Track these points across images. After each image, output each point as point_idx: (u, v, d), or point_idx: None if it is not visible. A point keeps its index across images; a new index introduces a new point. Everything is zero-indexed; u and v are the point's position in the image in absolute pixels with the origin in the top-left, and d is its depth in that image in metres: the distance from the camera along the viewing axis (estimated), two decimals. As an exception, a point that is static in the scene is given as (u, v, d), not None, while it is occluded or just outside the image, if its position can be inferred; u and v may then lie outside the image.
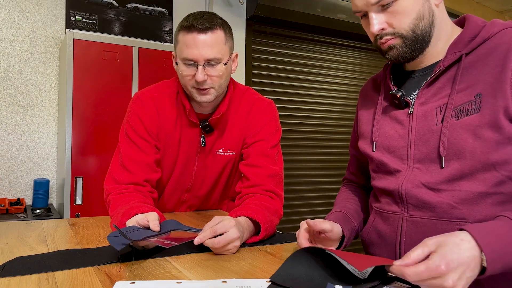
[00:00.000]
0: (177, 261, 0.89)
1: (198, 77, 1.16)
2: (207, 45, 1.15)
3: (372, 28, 0.90)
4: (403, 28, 0.89)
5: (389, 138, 0.98)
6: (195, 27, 1.15)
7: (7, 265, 0.83)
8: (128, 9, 2.76)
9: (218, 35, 1.18)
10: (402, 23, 0.88)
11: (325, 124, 3.77)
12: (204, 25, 1.15)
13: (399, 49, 0.91)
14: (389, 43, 0.91)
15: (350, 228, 1.02)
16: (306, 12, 3.36)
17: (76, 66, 2.30)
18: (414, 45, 0.90)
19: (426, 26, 0.89)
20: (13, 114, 2.54)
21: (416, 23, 0.88)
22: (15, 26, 2.55)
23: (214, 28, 1.17)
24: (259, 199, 1.18)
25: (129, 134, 1.27)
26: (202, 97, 1.21)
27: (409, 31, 0.89)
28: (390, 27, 0.90)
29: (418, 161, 0.91)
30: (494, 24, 0.90)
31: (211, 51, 1.16)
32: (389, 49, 0.92)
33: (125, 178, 1.21)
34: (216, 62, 1.18)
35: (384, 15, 0.89)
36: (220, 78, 1.20)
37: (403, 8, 0.87)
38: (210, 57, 1.16)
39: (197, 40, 1.15)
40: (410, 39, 0.90)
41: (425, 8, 0.89)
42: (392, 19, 0.89)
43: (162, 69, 2.54)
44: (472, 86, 0.86)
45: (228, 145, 1.35)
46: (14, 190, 2.54)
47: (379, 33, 0.91)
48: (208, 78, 1.18)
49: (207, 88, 1.19)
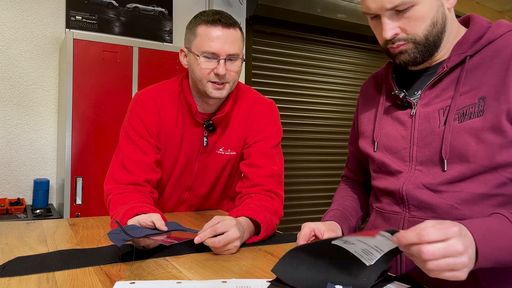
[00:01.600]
0: (177, 261, 0.89)
1: (220, 70, 1.18)
2: (231, 40, 1.19)
3: (386, 34, 0.87)
4: (417, 34, 0.87)
5: (391, 139, 0.97)
6: (221, 21, 1.18)
7: (7, 265, 0.83)
8: (128, 9, 2.76)
9: (238, 32, 1.22)
10: (417, 29, 0.86)
11: (325, 124, 3.77)
12: (229, 21, 1.19)
13: (410, 54, 0.89)
14: (400, 48, 0.89)
15: (348, 226, 1.03)
16: (306, 12, 3.36)
17: (76, 66, 2.30)
18: (426, 51, 0.89)
19: (439, 31, 0.88)
20: (13, 114, 2.54)
21: (430, 29, 0.87)
22: (15, 26, 2.55)
23: (236, 25, 1.21)
24: (259, 199, 1.18)
25: (129, 134, 1.27)
26: (216, 92, 1.22)
27: (422, 37, 0.87)
28: (403, 33, 0.87)
29: (420, 163, 0.91)
30: (500, 25, 0.88)
31: (234, 46, 1.19)
32: (399, 54, 0.90)
33: (125, 178, 1.21)
34: (235, 58, 1.20)
35: (398, 20, 0.87)
36: (236, 74, 1.23)
37: (420, 14, 0.85)
38: (232, 52, 1.19)
39: (222, 34, 1.18)
40: (423, 45, 0.88)
41: (439, 13, 0.87)
42: (406, 25, 0.86)
43: (162, 69, 2.54)
44: (476, 89, 0.85)
45: (228, 145, 1.35)
46: (14, 190, 2.54)
47: (391, 39, 0.89)
48: (227, 73, 1.20)
49: (224, 82, 1.21)
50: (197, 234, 0.95)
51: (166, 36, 2.89)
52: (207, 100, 1.28)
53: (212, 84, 1.21)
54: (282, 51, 3.54)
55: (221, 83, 1.21)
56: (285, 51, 3.56)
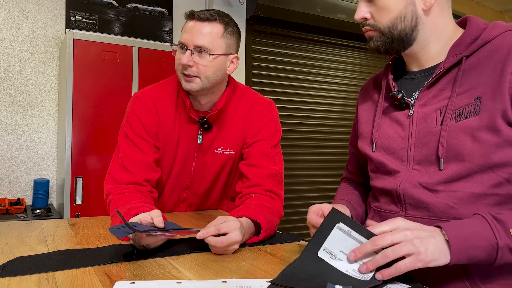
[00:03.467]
0: (177, 261, 0.89)
1: (182, 59, 1.20)
2: (200, 33, 1.21)
3: (356, 15, 0.96)
4: (381, 23, 0.92)
5: (389, 139, 0.98)
6: (195, 16, 1.22)
7: (7, 265, 0.83)
8: (128, 9, 2.76)
9: (215, 27, 1.22)
10: (381, 18, 0.92)
11: (325, 124, 3.77)
12: (204, 15, 1.22)
13: (374, 42, 0.95)
14: (368, 33, 0.96)
15: (355, 214, 1.05)
16: (306, 12, 3.36)
17: (76, 66, 2.30)
18: (389, 43, 0.93)
19: (406, 28, 0.91)
20: (13, 114, 2.54)
21: (395, 23, 0.91)
22: (15, 26, 2.55)
23: (213, 20, 1.22)
24: (260, 199, 1.18)
25: (128, 134, 1.27)
26: (186, 84, 1.23)
27: (386, 28, 0.92)
28: (372, 19, 0.94)
29: (418, 163, 0.92)
30: (496, 26, 0.89)
31: (202, 39, 1.20)
32: (369, 39, 0.97)
33: (125, 178, 1.21)
34: (204, 51, 1.21)
35: (369, 6, 0.94)
36: (205, 68, 1.22)
37: (385, 5, 0.91)
38: (199, 44, 1.20)
39: (193, 27, 1.21)
40: (386, 36, 0.93)
41: (408, 11, 0.90)
42: (374, 12, 0.93)
43: (162, 69, 2.54)
44: (472, 89, 0.86)
45: (227, 144, 1.35)
46: (14, 190, 2.54)
47: (361, 21, 0.96)
48: (194, 66, 1.21)
49: (192, 76, 1.22)
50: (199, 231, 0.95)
51: (166, 36, 2.89)
52: (196, 96, 1.29)
53: (183, 76, 1.23)
54: (282, 51, 3.54)
55: (188, 75, 1.22)
56: (285, 51, 3.55)
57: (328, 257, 0.76)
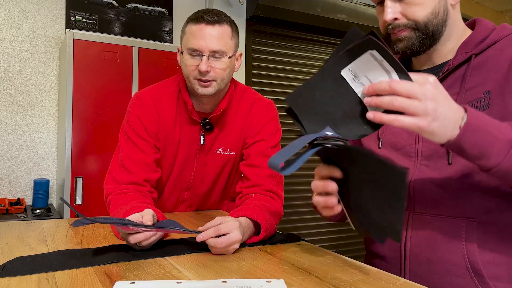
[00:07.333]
0: (177, 261, 0.89)
1: (201, 67, 1.18)
2: (214, 37, 1.18)
3: (386, 16, 0.90)
4: (417, 20, 0.89)
5: (396, 135, 0.98)
6: (204, 18, 1.19)
7: (7, 265, 0.82)
8: (128, 9, 2.76)
9: (225, 29, 1.21)
10: (416, 14, 0.89)
11: (325, 124, 3.77)
12: (213, 18, 1.19)
13: (408, 40, 0.91)
14: (400, 34, 0.91)
15: None
16: (306, 12, 3.36)
17: (76, 66, 2.30)
18: (423, 39, 0.91)
19: (439, 23, 0.90)
20: (13, 114, 2.54)
21: (431, 18, 0.89)
22: (15, 26, 2.55)
23: (222, 22, 1.20)
24: (260, 199, 1.18)
25: (128, 134, 1.27)
26: (203, 89, 1.22)
27: (422, 24, 0.89)
28: (404, 18, 0.90)
29: (426, 158, 0.91)
30: (505, 27, 0.91)
31: (217, 43, 1.19)
32: (398, 41, 0.92)
33: (125, 178, 1.21)
34: (221, 55, 1.20)
35: (400, 5, 0.90)
36: (223, 71, 1.22)
37: (421, 0, 0.88)
38: (216, 49, 1.18)
39: (204, 31, 1.18)
40: (421, 32, 0.90)
41: (441, 5, 0.90)
42: (407, 10, 0.89)
43: (162, 69, 2.54)
44: (481, 84, 0.87)
45: (228, 145, 1.35)
46: (14, 190, 2.54)
47: (392, 23, 0.91)
48: (212, 70, 1.20)
49: (209, 80, 1.21)
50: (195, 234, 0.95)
51: (166, 36, 2.89)
52: (201, 98, 1.28)
53: (198, 81, 1.22)
54: (282, 51, 3.54)
55: (206, 81, 1.21)
56: (285, 51, 3.55)
57: (351, 78, 0.73)
